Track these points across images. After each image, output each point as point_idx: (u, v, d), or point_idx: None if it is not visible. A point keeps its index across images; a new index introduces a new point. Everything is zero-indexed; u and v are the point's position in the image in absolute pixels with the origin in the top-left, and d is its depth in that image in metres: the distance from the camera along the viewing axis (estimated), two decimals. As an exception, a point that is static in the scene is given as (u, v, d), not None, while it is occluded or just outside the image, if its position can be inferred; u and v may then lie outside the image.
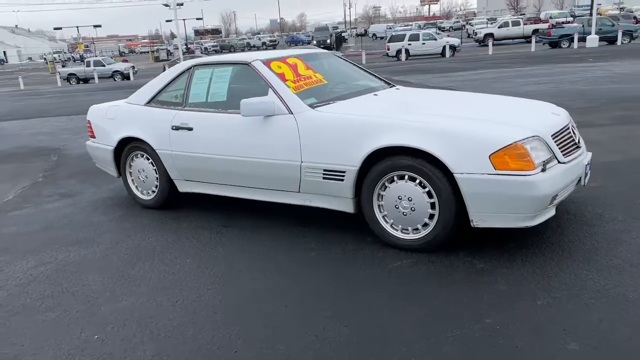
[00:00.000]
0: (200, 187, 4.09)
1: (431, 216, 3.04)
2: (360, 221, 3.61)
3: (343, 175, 3.24)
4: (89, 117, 4.79)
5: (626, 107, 7.52)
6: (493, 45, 28.88)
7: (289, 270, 3.04)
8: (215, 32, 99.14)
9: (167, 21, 49.63)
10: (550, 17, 41.82)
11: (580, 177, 3.16)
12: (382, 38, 54.41)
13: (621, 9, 38.57)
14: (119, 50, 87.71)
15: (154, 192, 4.37)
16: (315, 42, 46.94)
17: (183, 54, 30.16)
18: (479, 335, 2.25)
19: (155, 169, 4.28)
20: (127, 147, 4.40)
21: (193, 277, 3.04)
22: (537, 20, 39.01)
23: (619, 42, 24.70)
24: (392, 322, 2.40)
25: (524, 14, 61.61)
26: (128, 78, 27.75)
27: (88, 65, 28.72)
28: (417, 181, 3.03)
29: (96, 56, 39.15)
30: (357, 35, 59.39)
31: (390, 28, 56.29)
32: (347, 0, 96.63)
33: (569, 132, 3.26)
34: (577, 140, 3.30)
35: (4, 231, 4.14)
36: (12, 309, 2.82)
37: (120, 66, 29.17)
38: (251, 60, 3.80)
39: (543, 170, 2.80)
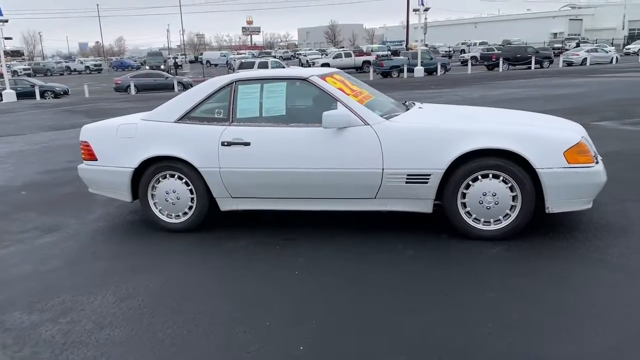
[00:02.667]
0: (249, 203, 4.01)
1: (512, 207, 3.55)
2: (410, 221, 3.97)
3: (428, 178, 3.58)
4: (86, 138, 4.31)
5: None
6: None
7: (416, 267, 3.26)
8: (16, 53, 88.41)
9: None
10: (372, 51, 46.62)
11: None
12: (216, 65, 54.62)
13: (426, 45, 44.82)
14: None
15: (185, 214, 4.11)
16: (148, 67, 45.04)
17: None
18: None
19: (190, 189, 4.05)
20: (151, 168, 4.08)
21: (335, 291, 3.08)
22: (362, 53, 43.20)
23: (438, 73, 28.79)
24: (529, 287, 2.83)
25: (344, 47, 67.50)
26: None
27: None
28: (501, 178, 3.52)
29: None
30: (190, 62, 58.63)
31: (224, 56, 56.78)
32: (169, 26, 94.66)
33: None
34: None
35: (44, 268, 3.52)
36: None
37: None
38: (308, 76, 3.93)
39: (596, 162, 3.53)
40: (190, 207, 4.10)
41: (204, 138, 3.93)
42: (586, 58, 31.78)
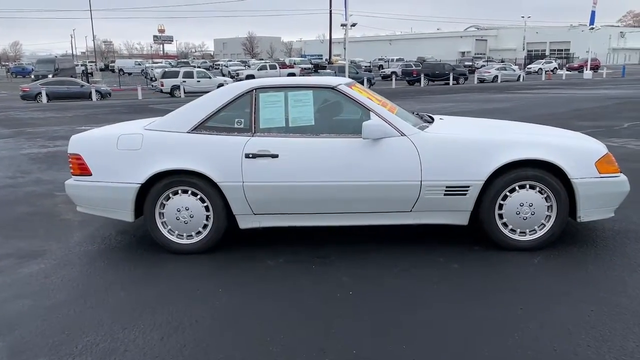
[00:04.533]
0: (273, 220, 3.72)
1: (547, 217, 3.59)
2: (434, 233, 3.91)
3: (467, 190, 3.53)
4: (77, 150, 3.80)
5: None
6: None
7: (470, 281, 3.16)
8: None
9: None
10: (295, 63, 46.86)
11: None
12: (130, 74, 52.18)
13: (345, 59, 45.87)
14: None
15: (199, 233, 3.74)
16: (33, 75, 40.93)
17: None
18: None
19: (206, 206, 3.69)
20: (160, 184, 3.67)
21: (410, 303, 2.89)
22: (286, 65, 43.28)
23: (365, 86, 29.47)
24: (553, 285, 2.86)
25: (262, 59, 67.37)
26: None
27: None
28: (537, 189, 3.54)
29: None
30: (101, 69, 55.46)
31: (139, 64, 54.38)
32: (74, 32, 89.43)
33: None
34: None
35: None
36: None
37: None
38: (336, 85, 3.74)
39: (621, 172, 3.67)
40: (205, 226, 3.73)
41: (225, 150, 3.61)
42: (497, 75, 34.13)
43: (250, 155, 3.58)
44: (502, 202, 3.58)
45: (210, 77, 28.01)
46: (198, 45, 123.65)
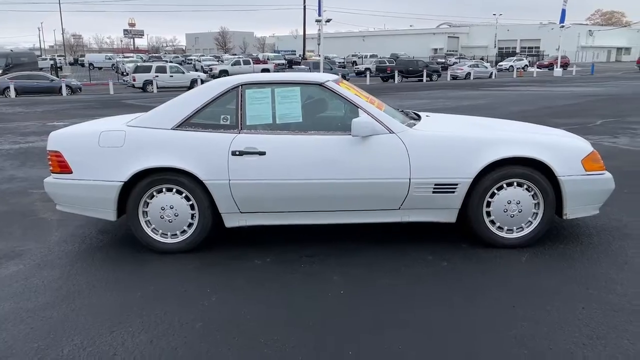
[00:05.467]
0: (259, 218, 3.66)
1: (534, 215, 3.62)
2: (422, 230, 3.91)
3: (455, 188, 3.53)
4: (56, 147, 3.66)
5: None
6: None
7: (461, 278, 3.16)
8: None
9: None
10: (269, 59, 46.59)
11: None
12: (100, 68, 51.06)
13: (318, 55, 45.81)
14: None
15: (184, 232, 3.65)
16: None
17: None
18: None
19: (191, 204, 3.60)
20: (143, 182, 3.57)
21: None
22: (260, 61, 42.97)
23: (340, 83, 29.46)
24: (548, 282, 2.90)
25: (236, 54, 66.74)
26: None
27: None
28: (524, 186, 3.57)
29: None
30: (70, 64, 54.02)
31: (109, 58, 53.21)
32: (41, 25, 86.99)
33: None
34: None
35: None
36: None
37: None
38: (323, 81, 3.70)
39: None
40: (190, 225, 3.65)
41: (211, 147, 3.52)
42: (470, 72, 34.61)
43: (237, 153, 3.51)
44: (489, 199, 3.60)
45: (183, 72, 27.57)
46: (169, 40, 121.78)
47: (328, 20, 30.47)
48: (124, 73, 35.96)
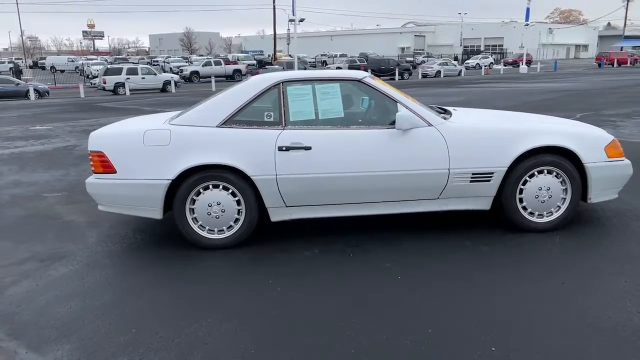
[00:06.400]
0: (305, 211, 3.77)
1: (562, 200, 3.86)
2: (447, 218, 4.10)
3: (491, 176, 3.73)
4: (98, 148, 3.68)
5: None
6: (199, 82, 32.36)
7: (505, 261, 3.35)
8: None
9: None
10: (239, 59, 46.31)
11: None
12: (62, 71, 49.71)
13: (290, 55, 45.98)
14: None
15: (230, 228, 3.73)
16: None
17: None
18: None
19: (237, 200, 3.68)
20: (191, 179, 3.63)
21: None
22: (230, 61, 42.66)
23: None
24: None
25: (202, 55, 66.05)
26: None
27: None
28: (554, 173, 3.80)
29: None
30: (30, 67, 52.31)
31: (72, 61, 51.84)
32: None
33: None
34: None
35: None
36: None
37: None
38: (362, 77, 3.83)
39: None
40: (237, 220, 3.73)
41: (257, 143, 3.61)
42: (440, 70, 35.32)
43: (284, 148, 3.61)
44: (522, 187, 3.81)
45: (155, 74, 27.16)
46: (132, 41, 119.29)
47: (301, 20, 30.56)
48: (90, 76, 35.16)
